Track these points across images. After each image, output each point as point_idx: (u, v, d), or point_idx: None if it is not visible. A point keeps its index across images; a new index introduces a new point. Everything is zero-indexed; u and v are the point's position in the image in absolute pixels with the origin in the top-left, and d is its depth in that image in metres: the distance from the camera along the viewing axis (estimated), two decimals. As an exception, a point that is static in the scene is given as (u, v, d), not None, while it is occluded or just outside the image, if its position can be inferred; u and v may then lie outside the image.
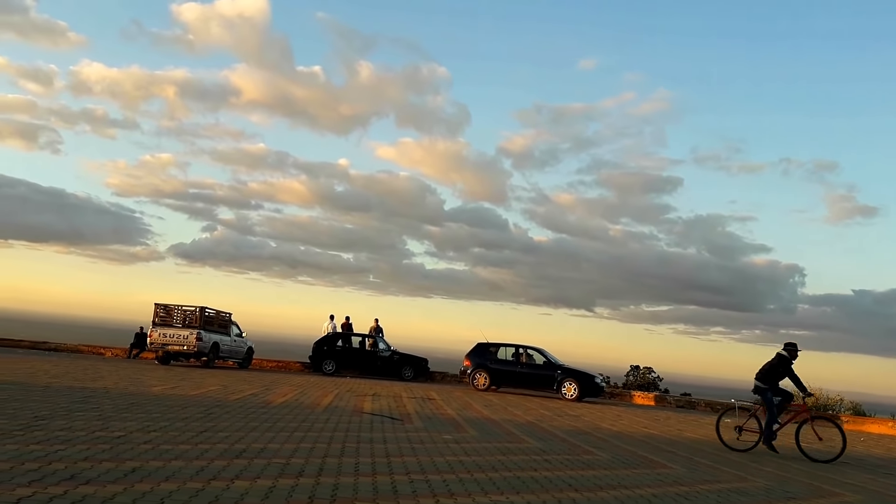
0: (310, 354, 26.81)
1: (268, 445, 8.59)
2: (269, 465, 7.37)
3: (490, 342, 23.62)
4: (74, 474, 6.07)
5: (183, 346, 24.37)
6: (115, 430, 8.67)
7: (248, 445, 8.44)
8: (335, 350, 26.32)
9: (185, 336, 24.29)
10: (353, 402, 15.42)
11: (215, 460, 7.32)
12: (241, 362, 27.49)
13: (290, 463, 7.59)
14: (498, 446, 10.41)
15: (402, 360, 26.14)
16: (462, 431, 11.87)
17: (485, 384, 22.92)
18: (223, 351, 25.86)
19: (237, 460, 7.45)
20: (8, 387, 12.90)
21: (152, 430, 8.94)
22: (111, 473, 6.23)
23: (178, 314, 24.89)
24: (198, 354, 24.62)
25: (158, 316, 24.85)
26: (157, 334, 24.58)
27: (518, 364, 22.90)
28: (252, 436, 9.26)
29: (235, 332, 27.06)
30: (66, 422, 9.06)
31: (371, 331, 27.88)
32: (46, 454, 6.83)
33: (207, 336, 24.66)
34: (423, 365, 26.37)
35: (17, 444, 7.24)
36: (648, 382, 31.92)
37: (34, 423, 8.76)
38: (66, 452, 7.00)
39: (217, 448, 8.05)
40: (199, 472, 6.67)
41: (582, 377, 22.34)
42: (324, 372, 25.78)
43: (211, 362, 25.22)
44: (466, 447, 9.98)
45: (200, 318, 24.70)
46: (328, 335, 27.26)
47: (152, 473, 6.40)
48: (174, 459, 7.16)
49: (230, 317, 26.86)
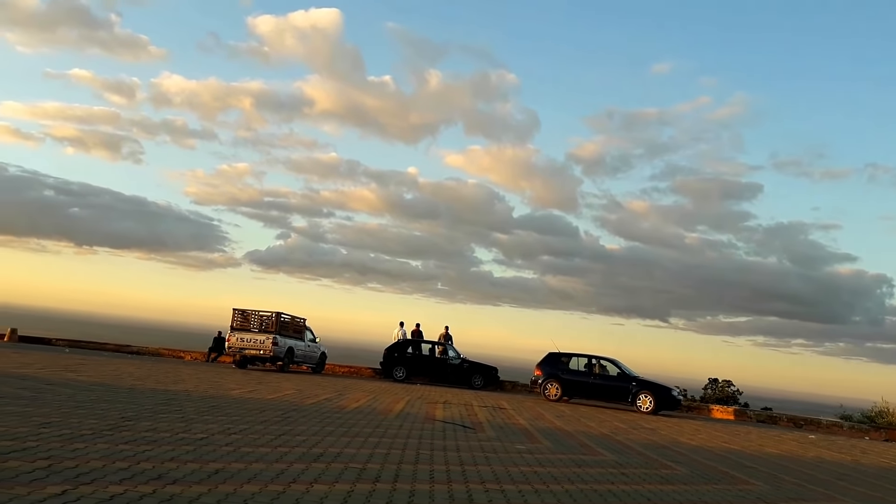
0: (380, 360, 27.05)
1: (344, 450, 8.68)
2: (346, 469, 7.44)
3: (562, 352, 23.35)
4: (161, 474, 6.25)
5: (259, 351, 24.94)
6: (198, 432, 8.91)
7: (326, 450, 8.55)
8: (405, 357, 26.47)
9: (262, 341, 24.84)
10: (425, 410, 15.46)
11: (294, 463, 7.43)
12: (314, 367, 27.95)
13: (366, 468, 7.65)
14: (573, 458, 10.25)
15: (471, 368, 26.10)
16: (535, 442, 11.74)
17: (556, 395, 22.66)
18: (298, 356, 26.35)
19: (315, 464, 7.55)
20: (96, 388, 13.44)
21: (233, 433, 9.15)
22: (196, 474, 6.40)
23: (255, 319, 25.50)
24: (273, 359, 25.15)
25: (236, 321, 25.51)
26: (234, 339, 25.22)
27: (591, 375, 22.55)
28: (328, 440, 9.38)
29: (309, 338, 27.54)
30: (151, 423, 9.37)
31: (441, 338, 27.95)
32: (134, 454, 7.07)
33: (283, 341, 25.17)
34: (493, 374, 26.26)
35: (107, 443, 7.52)
36: (727, 396, 30.97)
37: (122, 423, 9.09)
38: (153, 453, 7.23)
39: (296, 451, 8.18)
40: (279, 474, 6.78)
41: (658, 389, 21.84)
42: (394, 378, 25.96)
43: (286, 367, 25.72)
44: (540, 458, 9.86)
45: (276, 323, 25.23)
46: (398, 342, 27.44)
47: (235, 475, 6.54)
48: (255, 462, 7.30)
49: (304, 322, 27.37)
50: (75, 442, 7.36)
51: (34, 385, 12.72)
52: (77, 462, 6.37)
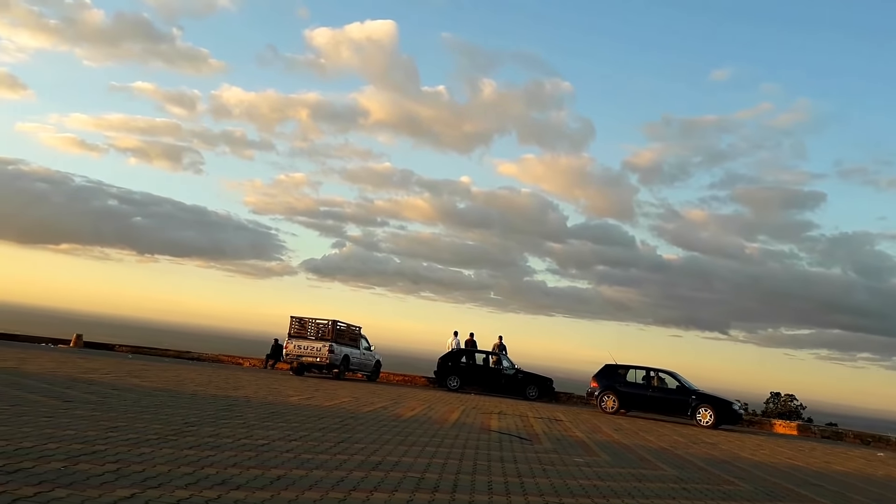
0: (434, 370, 27.06)
1: (402, 459, 8.69)
2: (404, 478, 7.44)
3: (619, 364, 23.01)
4: (225, 480, 6.35)
5: (316, 358, 25.22)
6: (259, 438, 9.03)
7: (384, 458, 8.57)
8: (459, 366, 26.44)
9: (318, 348, 25.13)
10: (480, 420, 15.39)
11: (354, 471, 7.47)
12: (369, 375, 28.13)
13: (424, 477, 7.64)
14: (632, 472, 10.06)
15: (526, 379, 25.91)
16: (593, 455, 11.57)
17: (613, 407, 22.32)
18: (353, 363, 26.57)
19: (374, 472, 7.57)
20: (159, 393, 13.76)
21: (293, 440, 9.25)
22: (258, 480, 6.48)
23: (312, 327, 25.81)
24: (329, 366, 25.40)
25: (294, 328, 25.86)
26: (292, 346, 25.57)
27: (649, 388, 22.15)
28: (386, 448, 9.40)
29: (364, 346, 27.75)
30: (213, 428, 9.54)
31: (495, 348, 27.83)
32: (198, 459, 7.20)
33: (339, 349, 25.41)
34: (548, 385, 26.02)
35: (171, 448, 7.68)
36: (790, 411, 30.07)
37: (185, 428, 9.27)
38: (216, 458, 7.35)
39: (354, 459, 8.22)
40: (339, 482, 6.82)
41: (718, 403, 21.34)
42: (448, 387, 25.94)
43: (341, 374, 25.96)
44: (599, 471, 9.71)
45: (333, 331, 25.50)
46: (452, 351, 27.44)
47: (296, 482, 6.60)
48: (315, 469, 7.36)
49: (360, 330, 27.59)
50: (142, 446, 7.54)
51: (100, 390, 13.09)
52: (144, 466, 6.52)
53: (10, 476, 5.56)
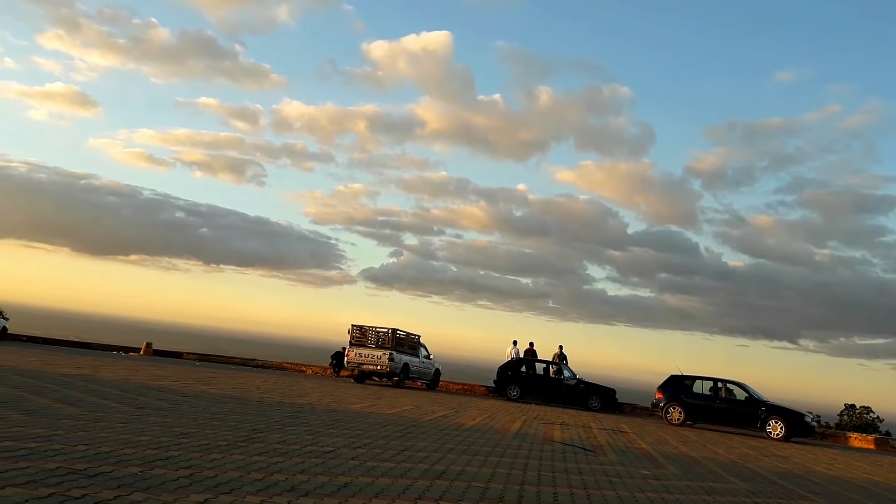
0: (494, 379, 26.94)
1: (465, 468, 8.67)
2: (469, 488, 7.41)
3: (685, 375, 22.51)
4: (294, 486, 6.44)
5: (376, 366, 25.41)
6: (325, 445, 9.13)
7: (447, 467, 8.56)
8: (519, 376, 26.25)
9: (379, 356, 25.32)
10: (542, 430, 15.25)
11: (419, 480, 7.48)
12: (428, 384, 28.20)
13: (489, 487, 7.60)
14: (702, 485, 9.82)
15: (588, 389, 25.56)
16: (660, 468, 11.33)
17: (679, 419, 21.83)
18: (413, 372, 26.67)
19: (439, 481, 7.57)
20: (227, 400, 14.06)
21: (357, 447, 9.33)
22: (326, 487, 6.55)
23: (372, 335, 26.03)
24: (389, 374, 25.56)
25: (354, 336, 26.13)
26: (353, 354, 25.84)
27: (717, 399, 21.61)
28: (449, 457, 9.39)
29: (424, 354, 27.83)
30: (280, 435, 9.69)
31: (555, 357, 27.56)
32: (268, 465, 7.32)
33: (399, 357, 25.55)
34: (611, 395, 25.62)
35: (241, 454, 7.83)
36: (866, 423, 28.87)
37: (253, 435, 9.44)
38: (285, 464, 7.46)
39: (419, 468, 8.23)
40: (405, 490, 6.84)
41: (790, 415, 20.67)
42: (508, 397, 25.78)
43: (401, 382, 26.08)
44: (667, 484, 9.50)
45: (392, 339, 25.67)
46: (512, 360, 27.28)
47: (363, 489, 6.64)
48: (381, 476, 7.40)
49: (419, 339, 27.70)
50: (213, 452, 7.70)
51: (171, 397, 13.45)
52: (216, 472, 6.66)
53: (91, 479, 5.74)
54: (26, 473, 5.69)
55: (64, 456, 6.55)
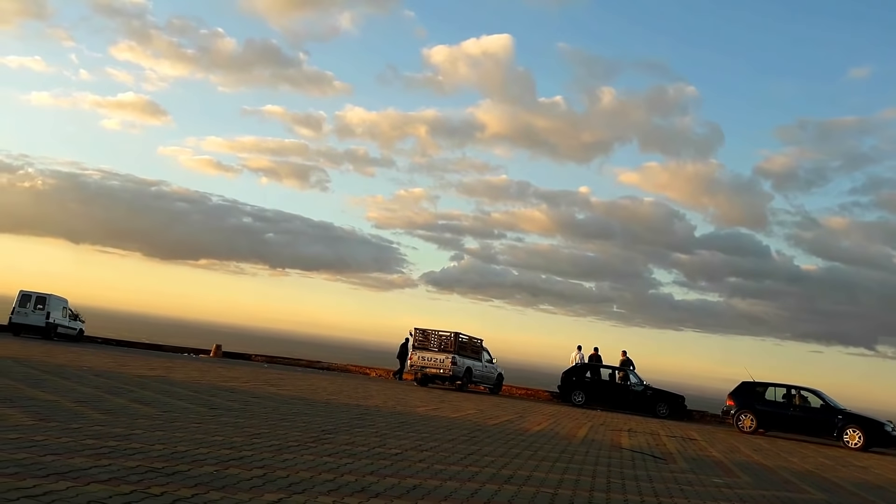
0: (558, 384, 26.68)
1: (533, 473, 8.60)
2: (537, 494, 7.35)
3: (756, 381, 21.89)
4: (364, 487, 6.49)
5: (439, 370, 25.48)
6: (392, 448, 9.19)
7: (515, 472, 8.50)
8: (584, 381, 25.93)
9: (442, 360, 25.38)
10: (609, 437, 15.02)
11: (486, 484, 7.45)
12: (491, 388, 28.12)
13: (558, 493, 7.52)
14: (777, 495, 9.52)
15: (655, 396, 25.06)
16: (733, 476, 11.03)
17: (751, 427, 21.21)
18: (476, 376, 26.64)
19: (507, 486, 7.52)
20: (295, 402, 14.30)
21: (424, 450, 9.35)
22: (395, 489, 6.57)
23: (435, 339, 26.11)
24: (452, 378, 25.59)
25: (417, 340, 26.26)
26: (416, 357, 25.96)
27: (790, 406, 20.93)
28: (516, 462, 9.33)
29: (486, 358, 27.77)
30: (348, 436, 9.79)
31: (620, 363, 27.14)
32: (337, 466, 7.40)
33: (461, 361, 25.56)
34: (680, 402, 25.04)
35: (312, 454, 7.94)
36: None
37: (322, 436, 9.57)
38: (354, 465, 7.53)
39: (486, 472, 8.20)
40: (472, 494, 6.82)
41: (868, 424, 19.84)
42: (573, 403, 25.48)
43: (465, 386, 26.08)
44: (741, 493, 9.24)
45: (455, 343, 25.69)
46: (576, 366, 26.96)
47: (431, 492, 6.65)
48: (448, 480, 7.39)
49: (481, 343, 27.66)
50: (284, 452, 7.83)
51: (242, 398, 13.75)
52: (288, 472, 6.76)
53: (169, 478, 5.90)
54: (108, 470, 5.88)
55: (143, 454, 6.76)
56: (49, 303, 28.53)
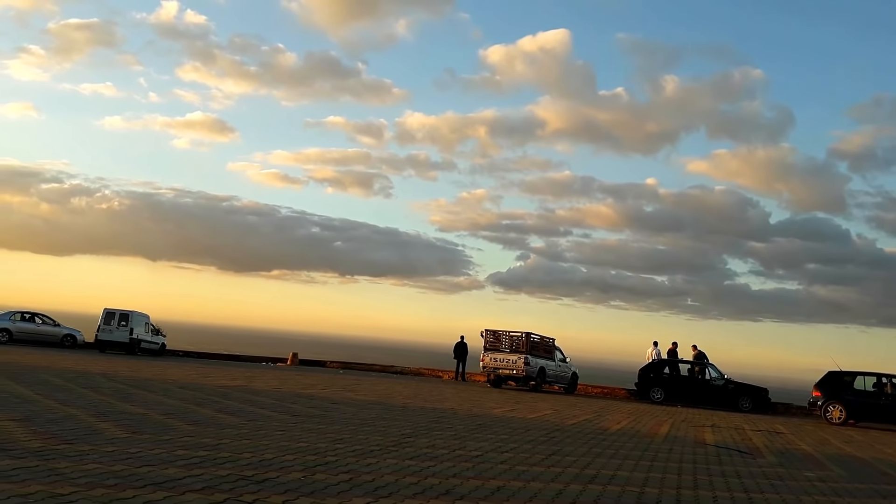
0: (635, 381, 26.23)
1: (617, 472, 8.48)
2: (623, 492, 7.24)
3: (844, 371, 21.06)
4: (448, 489, 6.51)
5: (512, 371, 25.37)
6: (473, 450, 9.20)
7: (598, 472, 8.40)
8: (662, 377, 25.42)
9: (514, 361, 25.26)
10: (693, 433, 14.69)
11: (570, 484, 7.38)
12: (566, 387, 27.85)
13: (644, 492, 7.39)
14: (874, 488, 9.14)
15: (737, 390, 24.38)
16: (825, 469, 10.64)
17: (840, 417, 20.42)
18: (549, 376, 26.43)
19: (591, 485, 7.43)
20: (373, 406, 14.47)
21: (504, 451, 9.33)
22: (479, 491, 6.57)
23: (506, 340, 26.01)
24: (525, 379, 25.44)
25: (488, 341, 26.21)
26: (488, 359, 25.91)
27: (882, 395, 20.08)
28: (599, 461, 9.22)
29: (559, 358, 27.52)
30: (428, 440, 9.84)
31: (694, 358, 26.50)
32: (420, 469, 7.45)
33: (534, 361, 25.39)
34: (763, 395, 24.30)
35: (394, 458, 8.01)
36: None
37: (403, 439, 9.65)
38: (437, 468, 7.56)
39: (569, 472, 8.12)
40: (558, 494, 6.77)
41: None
42: (651, 400, 25.00)
43: (539, 386, 25.91)
44: (835, 487, 8.91)
45: (527, 343, 25.54)
46: (653, 362, 26.46)
47: (516, 493, 6.62)
48: (531, 481, 7.35)
49: (553, 342, 27.43)
50: (367, 457, 7.93)
51: (321, 404, 13.99)
52: (373, 476, 6.84)
53: (259, 485, 6.05)
54: (201, 480, 6.06)
55: (232, 463, 6.94)
56: (132, 319, 29.60)
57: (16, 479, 5.55)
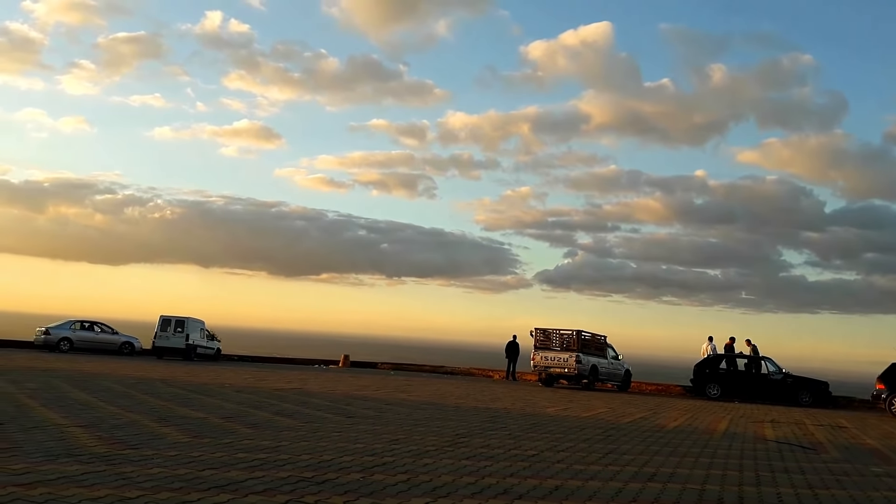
0: (691, 377, 25.81)
1: (676, 470, 8.35)
2: (684, 490, 7.12)
3: (908, 362, 20.39)
4: (506, 489, 6.49)
5: (564, 369, 25.20)
6: (528, 449, 9.16)
7: (657, 469, 8.28)
8: (718, 373, 24.96)
9: (565, 359, 25.08)
10: (752, 429, 14.38)
11: (630, 482, 7.29)
12: (619, 385, 27.54)
13: (705, 489, 7.26)
14: (948, 484, 8.81)
15: (797, 384, 23.80)
16: (892, 464, 10.33)
17: (905, 410, 19.79)
18: (602, 373, 26.17)
19: (651, 483, 7.34)
20: (426, 407, 14.52)
21: (560, 450, 9.27)
22: (538, 490, 6.54)
23: (556, 338, 25.84)
24: (577, 377, 25.24)
25: (538, 340, 26.07)
26: (539, 357, 25.79)
27: (949, 387, 19.38)
28: (657, 459, 9.09)
29: (611, 355, 27.22)
30: (483, 439, 9.83)
31: (751, 352, 25.95)
32: (477, 469, 7.44)
33: (586, 359, 25.17)
34: (823, 389, 23.69)
35: (450, 458, 8.02)
36: None
37: (458, 439, 9.66)
38: (493, 468, 7.55)
39: (627, 470, 8.03)
40: (617, 493, 6.69)
41: None
42: (707, 396, 24.57)
43: (591, 384, 25.67)
44: (906, 483, 8.62)
45: (578, 341, 25.34)
46: (709, 357, 26.00)
47: (574, 492, 6.57)
48: (590, 480, 7.29)
49: (605, 339, 27.15)
50: (423, 457, 7.95)
51: (375, 405, 14.09)
52: (430, 476, 6.86)
53: (319, 486, 6.12)
54: (263, 482, 6.16)
55: (292, 465, 7.03)
56: (187, 325, 30.23)
57: (86, 483, 5.71)
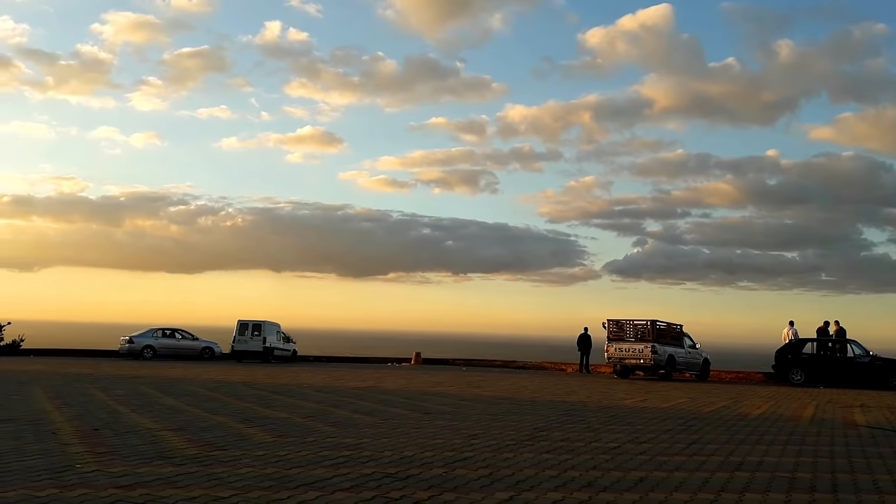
0: (772, 364, 25.05)
1: (764, 458, 8.13)
2: (773, 478, 6.94)
3: None
4: (590, 482, 6.45)
5: (639, 360, 24.78)
6: (608, 441, 9.06)
7: (744, 458, 8.09)
8: (802, 358, 24.15)
9: (640, 350, 24.67)
10: (841, 415, 13.88)
11: (716, 472, 7.14)
12: (698, 374, 26.94)
13: (796, 477, 7.06)
14: None
15: (885, 367, 22.85)
16: None
17: None
18: (679, 363, 25.64)
19: (738, 472, 7.17)
20: (502, 401, 14.52)
21: (642, 442, 9.14)
22: (622, 482, 6.47)
23: (630, 329, 25.44)
24: (654, 367, 24.80)
25: (611, 331, 25.72)
26: (613, 349, 25.44)
27: None
28: (743, 448, 8.87)
29: (688, 344, 26.65)
30: (561, 433, 9.78)
31: (835, 335, 25.00)
32: (559, 462, 7.41)
33: (662, 349, 24.69)
34: (915, 371, 22.66)
35: (530, 452, 8.01)
36: None
37: (536, 433, 9.63)
38: (574, 461, 7.50)
39: (713, 460, 7.87)
40: (704, 483, 6.57)
41: None
42: (791, 382, 23.81)
43: (668, 375, 25.19)
44: None
45: (652, 331, 24.88)
46: (791, 342, 25.18)
47: (660, 483, 6.48)
48: (675, 470, 7.17)
49: (681, 328, 26.59)
50: (503, 452, 7.97)
51: (451, 401, 14.17)
52: (512, 470, 6.87)
53: (403, 482, 6.20)
54: (348, 479, 6.28)
55: (375, 461, 7.15)
56: (264, 329, 30.99)
57: (180, 484, 5.93)
